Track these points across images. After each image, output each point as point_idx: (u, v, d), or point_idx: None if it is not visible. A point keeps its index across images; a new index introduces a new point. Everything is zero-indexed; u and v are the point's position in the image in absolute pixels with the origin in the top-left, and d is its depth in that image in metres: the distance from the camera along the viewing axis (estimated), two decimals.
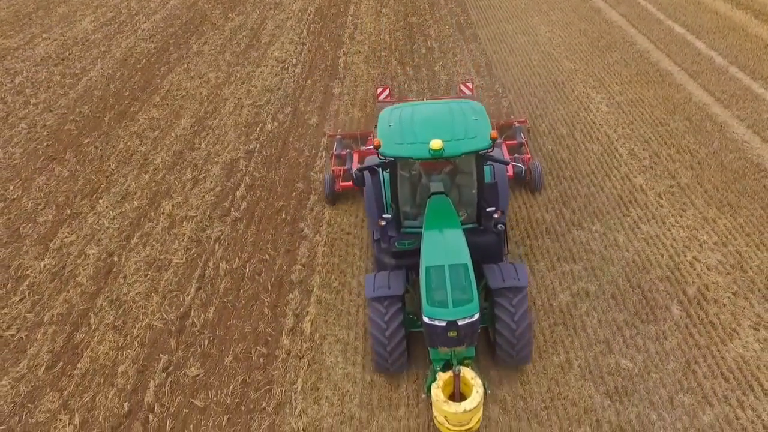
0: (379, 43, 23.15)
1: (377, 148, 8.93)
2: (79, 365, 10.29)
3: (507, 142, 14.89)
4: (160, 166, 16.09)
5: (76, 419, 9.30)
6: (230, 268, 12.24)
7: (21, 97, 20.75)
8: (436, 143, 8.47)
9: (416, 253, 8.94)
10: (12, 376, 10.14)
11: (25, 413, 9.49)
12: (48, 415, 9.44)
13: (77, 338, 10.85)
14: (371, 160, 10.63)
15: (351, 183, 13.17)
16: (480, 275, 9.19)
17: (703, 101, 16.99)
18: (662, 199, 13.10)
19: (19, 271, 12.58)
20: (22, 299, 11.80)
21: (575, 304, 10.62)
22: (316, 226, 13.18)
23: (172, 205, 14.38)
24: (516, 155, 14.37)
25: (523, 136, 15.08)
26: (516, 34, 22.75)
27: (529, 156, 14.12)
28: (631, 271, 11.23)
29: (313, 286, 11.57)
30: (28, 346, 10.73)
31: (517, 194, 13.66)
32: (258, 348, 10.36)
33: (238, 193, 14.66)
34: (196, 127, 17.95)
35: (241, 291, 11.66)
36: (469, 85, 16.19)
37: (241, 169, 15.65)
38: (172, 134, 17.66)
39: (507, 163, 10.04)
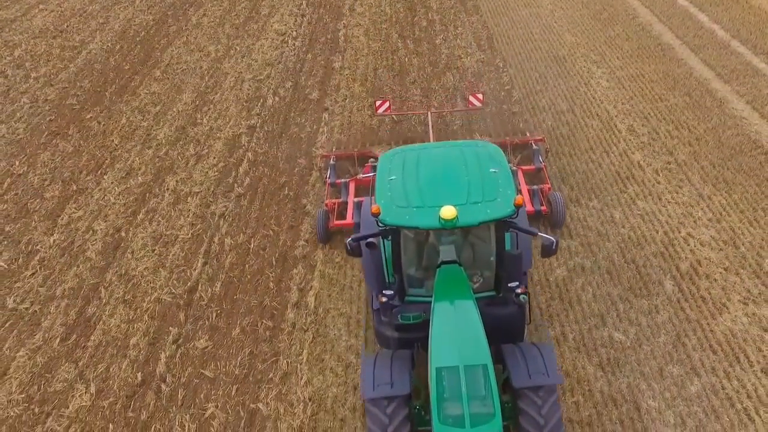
0: (379, 15, 22.97)
1: (376, 215, 7.38)
2: (92, 337, 10.68)
3: (523, 167, 13.02)
4: (163, 141, 16.23)
5: (92, 388, 9.72)
6: (235, 243, 12.53)
7: (21, 71, 20.71)
8: (447, 211, 7.02)
9: (424, 326, 7.52)
10: (29, 348, 10.53)
11: (43, 383, 9.90)
12: (65, 384, 9.85)
13: (89, 311, 11.21)
14: (367, 220, 8.53)
15: (347, 222, 11.82)
16: (496, 357, 7.45)
17: (703, 76, 17.03)
18: (659, 175, 13.31)
19: (30, 246, 12.88)
20: (33, 274, 12.12)
21: (571, 279, 10.94)
22: (318, 203, 13.41)
23: (177, 181, 14.58)
24: (535, 187, 12.34)
25: (541, 159, 13.24)
26: (518, 6, 22.57)
27: (549, 186, 12.36)
28: (627, 246, 11.53)
29: (317, 261, 11.87)
30: (42, 319, 11.10)
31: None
32: (264, 321, 10.72)
33: (241, 168, 14.85)
34: (197, 102, 18.01)
35: (247, 266, 11.97)
36: (479, 95, 14.58)
37: (244, 145, 15.80)
38: (174, 109, 17.73)
39: (534, 234, 7.97)
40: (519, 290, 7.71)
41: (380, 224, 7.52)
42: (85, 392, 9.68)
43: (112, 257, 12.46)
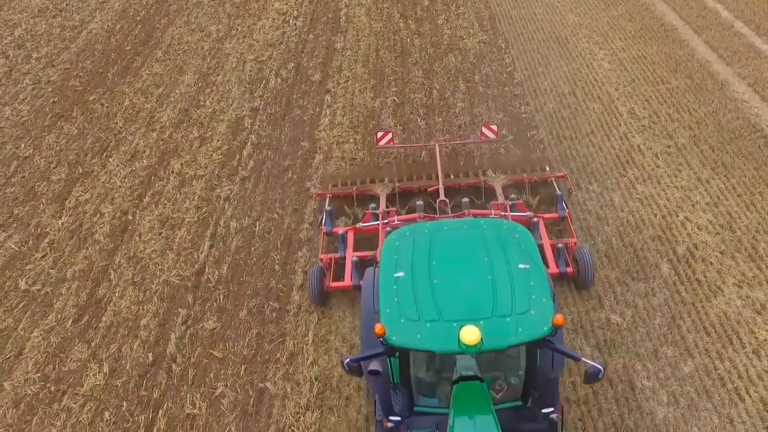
0: None
1: (380, 336, 6.02)
2: (103, 318, 10.98)
3: (544, 215, 11.20)
4: (167, 124, 16.34)
5: (105, 368, 10.05)
6: (240, 226, 12.75)
7: (22, 51, 20.67)
8: (470, 335, 5.70)
9: None
10: (42, 328, 10.84)
11: (57, 362, 10.23)
12: (79, 364, 10.18)
13: (100, 293, 11.49)
14: (369, 338, 6.63)
15: (346, 284, 10.40)
16: None
17: (705, 58, 17.04)
18: (659, 159, 13.47)
19: (39, 229, 13.10)
20: (44, 256, 12.38)
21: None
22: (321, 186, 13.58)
23: (181, 164, 14.74)
24: (560, 245, 10.48)
25: (565, 205, 11.33)
26: None
27: (575, 241, 10.73)
28: (625, 230, 11.75)
29: (320, 245, 12.10)
30: (54, 301, 11.39)
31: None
32: (270, 303, 11.00)
33: (244, 151, 15.00)
34: (200, 84, 18.04)
35: (252, 249, 12.21)
36: (493, 127, 13.15)
37: (247, 128, 15.92)
38: (177, 91, 17.77)
39: (577, 359, 6.45)
40: (554, 416, 6.56)
41: (385, 343, 6.12)
42: (99, 371, 10.01)
43: (120, 240, 12.70)
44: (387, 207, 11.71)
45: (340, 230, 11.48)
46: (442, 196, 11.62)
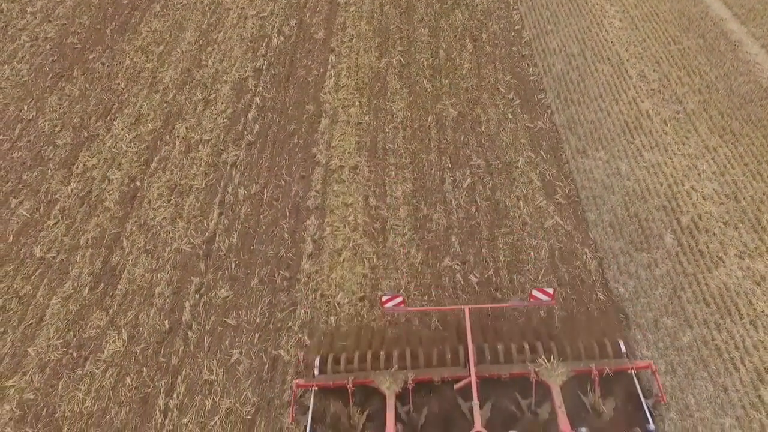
0: None
1: None
2: (119, 286, 11.26)
3: None
4: (170, 85, 16.11)
5: (124, 335, 10.42)
6: (248, 193, 12.85)
7: (16, 5, 20.04)
8: None
9: None
10: (60, 296, 11.14)
11: (77, 329, 10.59)
12: (98, 331, 10.54)
13: (113, 261, 11.73)
14: None
15: None
16: None
17: (720, 16, 16.61)
18: (667, 125, 13.40)
19: (49, 195, 13.20)
20: (56, 223, 12.53)
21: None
22: (328, 152, 13.58)
23: (186, 128, 14.66)
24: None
25: (651, 419, 7.79)
26: None
27: None
28: (630, 200, 11.86)
29: (327, 213, 12.25)
30: (70, 268, 11.64)
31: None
32: (281, 272, 11.26)
33: (249, 115, 14.88)
34: (200, 42, 17.65)
35: (261, 217, 12.37)
36: (548, 290, 9.55)
37: (251, 89, 15.71)
38: (178, 49, 17.41)
39: None
40: None
41: None
42: (118, 338, 10.38)
43: (130, 207, 12.82)
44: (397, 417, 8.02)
45: None
46: (477, 427, 7.60)
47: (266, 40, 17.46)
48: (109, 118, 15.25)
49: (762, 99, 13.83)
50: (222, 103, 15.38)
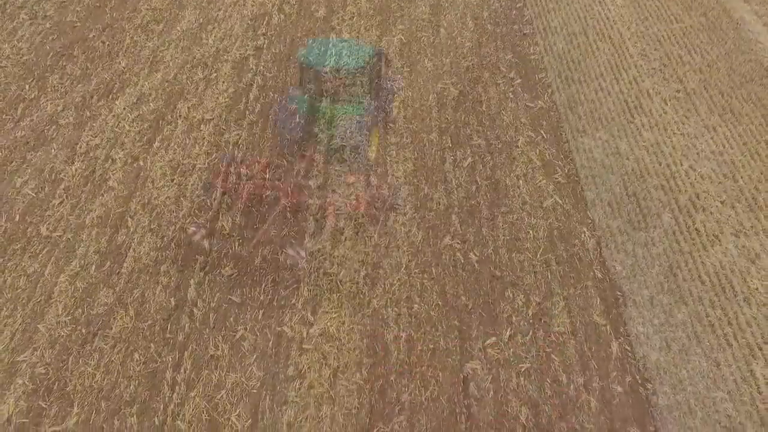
0: None
1: None
2: (125, 264, 11.46)
3: None
4: (171, 64, 16.09)
5: (131, 312, 10.65)
6: (251, 174, 12.94)
7: None
8: None
9: None
10: (68, 274, 11.35)
11: (86, 306, 10.82)
12: (106, 308, 10.77)
13: (119, 239, 11.91)
14: None
15: None
16: None
17: None
18: (667, 105, 13.45)
19: (53, 175, 13.32)
20: (61, 202, 12.68)
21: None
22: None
23: (188, 107, 14.71)
24: None
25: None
26: None
27: None
28: (629, 179, 11.99)
29: (329, 192, 12.37)
30: (77, 247, 11.82)
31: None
32: (284, 250, 11.43)
33: (251, 94, 14.91)
34: (201, 20, 17.56)
35: (263, 196, 12.48)
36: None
37: (252, 68, 15.70)
38: (178, 28, 17.34)
39: None
40: None
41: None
42: (125, 315, 10.62)
43: (133, 186, 12.95)
44: None
45: None
46: None
47: (267, 18, 17.38)
48: (110, 97, 15.28)
49: (762, 78, 13.86)
50: (223, 82, 15.39)
